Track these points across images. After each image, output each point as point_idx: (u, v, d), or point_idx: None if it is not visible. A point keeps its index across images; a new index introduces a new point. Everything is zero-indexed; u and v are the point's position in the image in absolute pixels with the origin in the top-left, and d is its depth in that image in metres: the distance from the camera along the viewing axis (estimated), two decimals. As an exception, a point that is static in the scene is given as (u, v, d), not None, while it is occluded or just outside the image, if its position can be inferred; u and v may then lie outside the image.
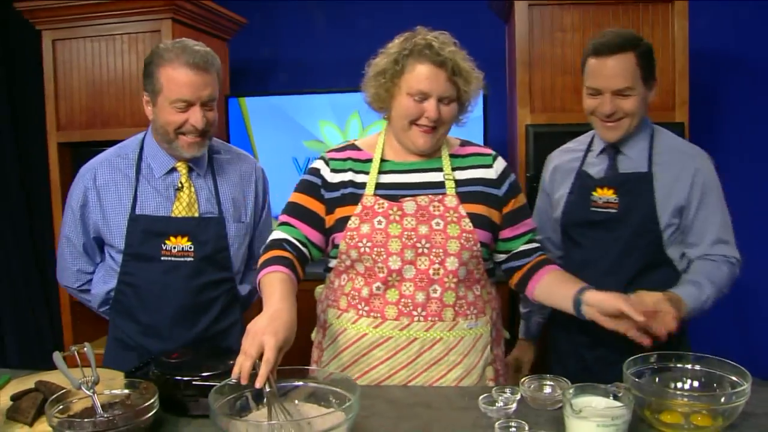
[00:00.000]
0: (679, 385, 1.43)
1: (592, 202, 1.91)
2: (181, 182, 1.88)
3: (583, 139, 2.06)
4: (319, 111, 3.35)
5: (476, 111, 2.96)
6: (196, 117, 1.78)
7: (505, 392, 1.49)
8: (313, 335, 1.88)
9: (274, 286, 1.52)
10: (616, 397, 1.24)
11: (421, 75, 1.61)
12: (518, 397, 1.47)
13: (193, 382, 1.44)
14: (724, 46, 3.26)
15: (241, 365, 1.29)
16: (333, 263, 1.74)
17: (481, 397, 1.46)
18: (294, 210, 1.73)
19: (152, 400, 1.33)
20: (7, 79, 3.69)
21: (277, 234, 1.71)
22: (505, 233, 1.76)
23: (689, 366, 1.45)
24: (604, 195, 1.90)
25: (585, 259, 1.93)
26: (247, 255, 2.01)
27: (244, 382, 1.29)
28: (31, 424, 1.39)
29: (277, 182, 1.84)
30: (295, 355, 1.42)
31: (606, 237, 1.90)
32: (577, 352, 1.95)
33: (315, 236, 1.71)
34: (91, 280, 1.97)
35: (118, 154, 1.93)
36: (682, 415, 1.24)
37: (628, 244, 1.87)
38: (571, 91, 2.75)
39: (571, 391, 1.25)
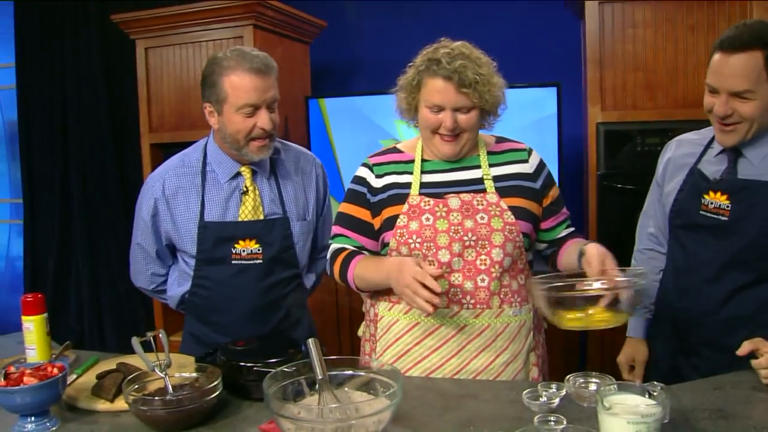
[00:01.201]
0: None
1: (702, 205, 1.79)
2: (246, 186, 1.96)
3: (706, 133, 1.89)
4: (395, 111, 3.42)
5: (550, 108, 3.03)
6: (263, 119, 1.86)
7: (551, 388, 1.53)
8: (360, 331, 1.96)
9: (371, 261, 1.77)
10: (651, 396, 1.25)
11: (433, 89, 1.70)
12: (563, 393, 1.50)
13: (255, 368, 1.55)
14: None
15: (423, 297, 1.54)
16: None
17: (525, 391, 1.50)
18: (345, 221, 1.86)
19: (216, 383, 1.46)
20: (106, 86, 4.00)
21: (334, 246, 1.86)
22: (546, 224, 1.85)
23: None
24: (716, 200, 1.76)
25: (688, 264, 1.84)
26: (311, 247, 2.09)
27: (437, 301, 1.54)
28: (112, 400, 1.54)
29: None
30: (345, 350, 1.50)
31: (712, 244, 1.78)
32: (673, 357, 1.89)
33: (368, 243, 1.85)
34: (165, 281, 2.09)
35: (182, 163, 2.01)
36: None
37: (735, 256, 1.74)
38: (643, 89, 2.71)
39: (607, 388, 1.27)
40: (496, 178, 1.79)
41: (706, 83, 1.72)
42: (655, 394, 1.25)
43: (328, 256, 1.88)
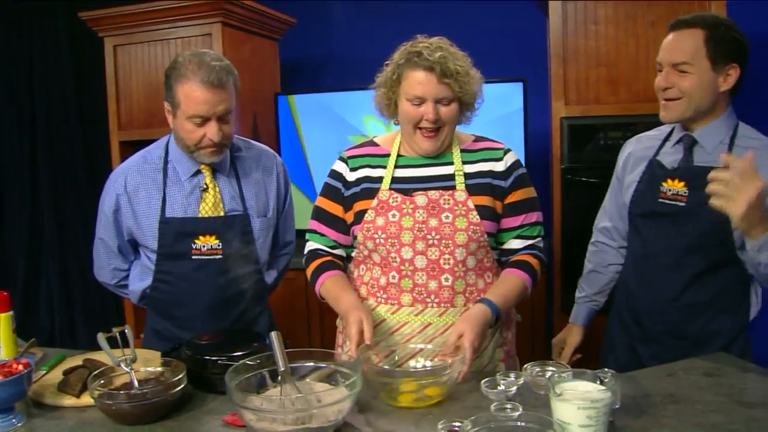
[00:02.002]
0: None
1: (660, 192, 1.85)
2: (206, 183, 1.99)
3: (664, 129, 1.97)
4: (364, 107, 3.44)
5: (517, 104, 3.08)
6: (212, 131, 1.87)
7: (509, 377, 1.57)
8: (338, 321, 2.00)
9: (338, 286, 1.79)
10: (602, 382, 1.29)
11: (414, 81, 1.71)
12: (521, 381, 1.54)
13: (219, 362, 1.58)
14: (763, 41, 3.17)
15: (353, 338, 1.61)
16: (353, 254, 1.88)
17: (483, 380, 1.54)
18: (321, 215, 1.90)
19: (180, 376, 1.48)
20: (75, 83, 3.98)
21: (310, 245, 1.91)
22: (502, 224, 1.83)
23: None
24: (674, 187, 1.83)
25: (647, 252, 1.89)
26: (272, 244, 2.12)
27: (367, 341, 1.60)
28: (77, 396, 1.56)
29: (324, 176, 1.96)
30: (315, 342, 1.53)
31: (671, 231, 1.84)
32: (632, 345, 1.94)
33: (341, 238, 1.89)
34: (127, 276, 2.11)
35: (145, 159, 2.03)
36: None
37: (694, 241, 1.80)
38: (606, 83, 2.76)
39: (560, 375, 1.31)
40: (468, 176, 1.80)
41: (656, 62, 1.83)
42: (606, 380, 1.29)
43: (305, 255, 1.92)
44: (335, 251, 1.90)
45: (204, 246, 1.96)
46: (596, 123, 2.77)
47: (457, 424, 1.33)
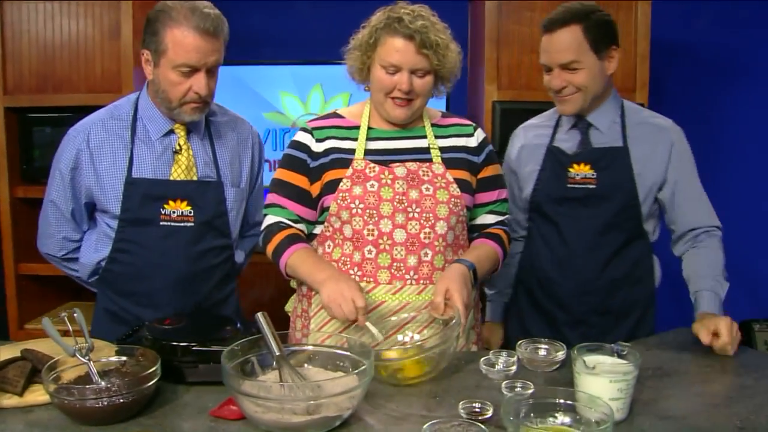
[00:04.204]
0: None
1: (568, 178, 1.89)
2: (179, 145, 1.82)
3: (548, 115, 2.05)
4: (280, 82, 3.30)
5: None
6: (200, 84, 1.72)
7: (502, 355, 1.53)
8: (288, 307, 1.86)
9: (312, 258, 1.68)
10: (621, 356, 1.28)
11: (391, 48, 1.63)
12: (515, 359, 1.50)
13: (193, 348, 1.40)
14: (685, 34, 3.38)
15: (347, 315, 1.52)
16: (318, 229, 1.75)
17: (482, 360, 1.48)
18: (282, 188, 1.75)
19: (155, 368, 1.29)
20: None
21: (270, 219, 1.75)
22: (476, 199, 1.80)
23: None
24: (581, 171, 1.88)
25: (563, 237, 1.92)
26: (242, 221, 1.96)
27: (362, 321, 1.53)
28: (21, 394, 1.32)
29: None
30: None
31: (584, 214, 1.89)
32: (556, 331, 1.94)
33: (306, 212, 1.75)
34: (77, 248, 1.88)
35: (111, 115, 1.84)
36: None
37: (608, 221, 1.88)
38: (538, 69, 2.72)
39: (581, 348, 1.28)
40: (442, 149, 1.75)
41: (541, 63, 1.89)
42: (624, 353, 1.27)
43: (263, 231, 1.76)
44: (297, 225, 1.75)
45: (174, 212, 1.78)
46: (528, 108, 2.78)
47: (477, 405, 1.26)
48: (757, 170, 3.40)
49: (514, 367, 1.46)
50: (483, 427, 1.11)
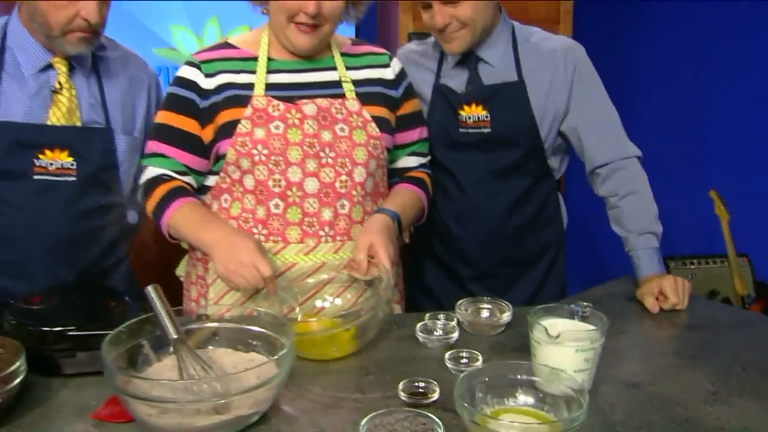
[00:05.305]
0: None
1: (459, 122, 1.65)
2: (59, 82, 1.49)
3: (432, 42, 1.74)
4: (171, 15, 2.97)
5: (367, 18, 2.81)
6: (89, 8, 1.40)
7: (439, 319, 1.34)
8: (179, 271, 1.61)
9: (200, 213, 1.44)
10: (582, 318, 1.11)
11: None
12: (454, 323, 1.32)
13: (69, 333, 1.13)
14: (608, 40, 3.22)
15: (252, 284, 1.30)
16: (212, 181, 1.50)
17: (417, 326, 1.29)
18: (165, 134, 1.47)
19: (18, 363, 1.01)
20: None
21: (151, 171, 1.48)
22: (396, 139, 1.58)
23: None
24: (473, 112, 1.64)
25: (461, 188, 1.70)
26: (136, 175, 1.66)
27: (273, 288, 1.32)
28: None
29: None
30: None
31: (481, 159, 1.67)
32: (462, 287, 1.75)
33: (196, 162, 1.48)
34: None
35: None
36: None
37: (507, 166, 1.67)
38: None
39: (536, 312, 1.10)
40: (356, 83, 1.51)
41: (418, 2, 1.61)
42: (587, 315, 1.11)
43: (142, 186, 1.49)
44: (184, 178, 1.48)
45: (52, 164, 1.46)
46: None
47: (420, 384, 1.07)
48: (673, 104, 3.34)
49: (455, 334, 1.27)
50: (434, 417, 0.92)
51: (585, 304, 1.12)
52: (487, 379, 0.98)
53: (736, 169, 3.09)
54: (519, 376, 0.99)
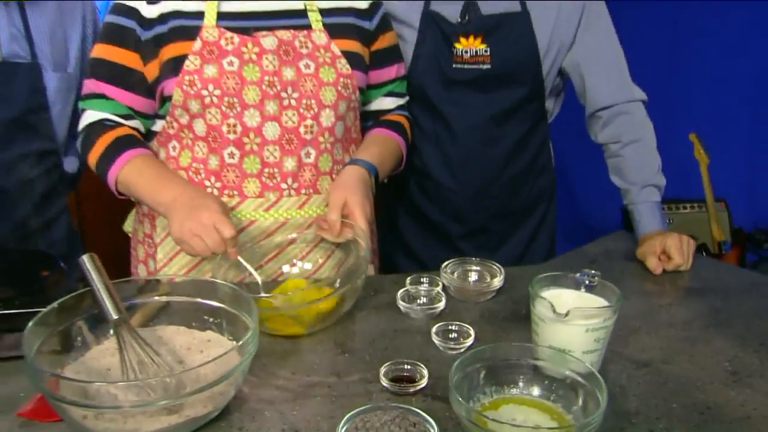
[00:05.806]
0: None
1: (454, 56, 1.46)
2: None
3: None
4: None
5: None
6: None
7: (421, 283, 1.20)
8: (127, 226, 1.44)
9: (151, 169, 1.23)
10: (589, 288, 0.97)
11: None
12: (440, 288, 1.18)
13: (-11, 312, 0.96)
14: None
15: (212, 248, 1.11)
16: (158, 126, 1.30)
17: (398, 293, 1.14)
18: (104, 70, 1.26)
19: None
20: None
21: (91, 115, 1.27)
22: (371, 77, 1.39)
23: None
24: (471, 46, 1.45)
25: (453, 134, 1.52)
26: (73, 118, 1.46)
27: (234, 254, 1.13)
28: None
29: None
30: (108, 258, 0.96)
31: (478, 101, 1.49)
32: (452, 245, 1.59)
33: (141, 103, 1.28)
34: None
35: None
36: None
37: (508, 108, 1.50)
38: None
39: (538, 282, 0.96)
40: (323, 12, 1.30)
41: None
42: (595, 285, 0.97)
43: (81, 134, 1.28)
44: (130, 123, 1.29)
45: None
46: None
47: (406, 367, 0.93)
48: (653, 46, 3.18)
49: (441, 303, 1.13)
50: (427, 416, 0.78)
51: (593, 272, 0.97)
52: (483, 364, 0.84)
53: (715, 113, 2.98)
54: (520, 360, 0.86)
